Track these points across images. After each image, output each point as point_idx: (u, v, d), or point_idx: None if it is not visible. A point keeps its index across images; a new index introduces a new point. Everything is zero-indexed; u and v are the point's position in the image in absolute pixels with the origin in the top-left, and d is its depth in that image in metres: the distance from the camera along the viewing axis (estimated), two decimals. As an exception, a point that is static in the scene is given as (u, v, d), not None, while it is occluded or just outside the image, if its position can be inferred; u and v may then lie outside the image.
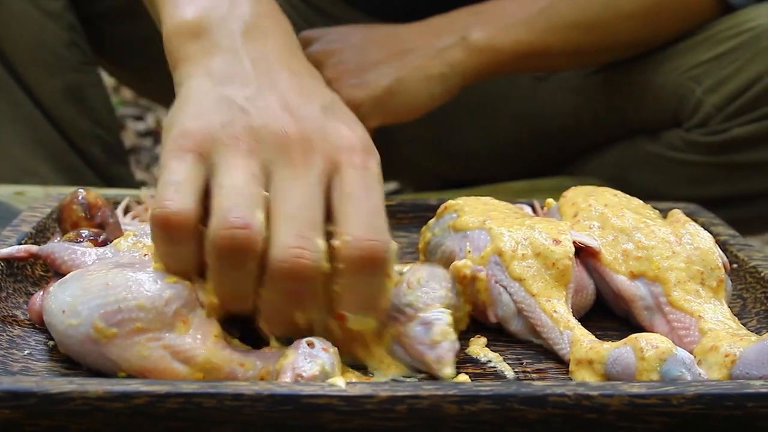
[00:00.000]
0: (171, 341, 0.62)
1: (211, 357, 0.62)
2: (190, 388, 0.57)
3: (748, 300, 0.79)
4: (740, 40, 1.06)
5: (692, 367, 0.63)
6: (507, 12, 1.05)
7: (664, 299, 0.72)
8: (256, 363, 0.62)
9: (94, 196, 0.80)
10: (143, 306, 0.62)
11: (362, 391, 0.57)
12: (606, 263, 0.75)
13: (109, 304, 0.62)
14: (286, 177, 0.64)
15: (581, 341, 0.67)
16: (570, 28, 1.05)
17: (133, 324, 0.62)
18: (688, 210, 0.93)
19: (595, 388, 0.59)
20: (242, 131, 0.65)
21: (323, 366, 0.61)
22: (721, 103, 1.07)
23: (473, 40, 1.02)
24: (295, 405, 0.57)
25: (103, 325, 0.61)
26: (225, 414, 0.57)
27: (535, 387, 0.59)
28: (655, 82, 1.12)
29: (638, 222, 0.76)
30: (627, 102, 1.16)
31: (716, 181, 1.08)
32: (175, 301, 0.63)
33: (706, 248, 0.74)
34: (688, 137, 1.11)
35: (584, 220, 0.77)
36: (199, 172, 0.64)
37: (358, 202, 0.64)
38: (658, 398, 0.59)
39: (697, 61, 1.09)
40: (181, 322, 0.62)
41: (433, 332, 0.66)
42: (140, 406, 0.56)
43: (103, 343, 0.62)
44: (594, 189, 0.81)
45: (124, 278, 0.63)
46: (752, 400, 0.59)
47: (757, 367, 0.64)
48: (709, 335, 0.68)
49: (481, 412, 0.58)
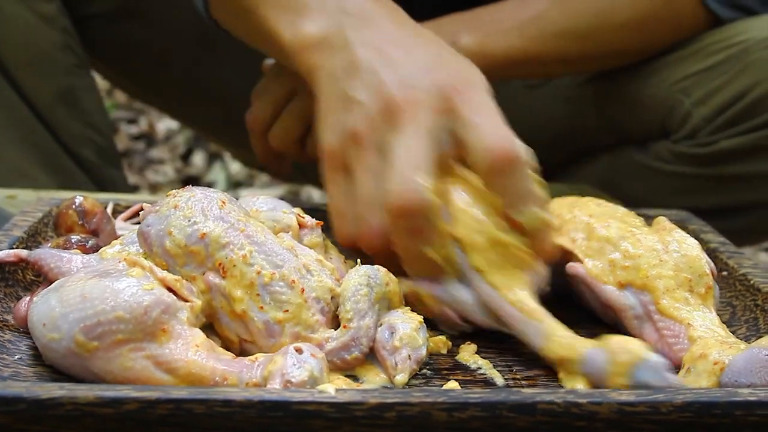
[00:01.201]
0: (153, 351, 0.62)
1: (192, 369, 0.61)
2: (180, 395, 0.57)
3: (738, 308, 0.79)
4: (729, 53, 1.07)
5: (663, 374, 0.63)
6: (498, 18, 1.05)
7: (653, 307, 0.73)
8: (240, 377, 0.62)
9: (91, 202, 0.81)
10: (122, 317, 0.61)
11: (352, 397, 0.58)
12: (593, 275, 0.75)
13: (88, 318, 0.61)
14: (394, 143, 0.73)
15: (556, 336, 0.68)
16: (561, 36, 1.05)
17: (114, 336, 0.61)
18: (679, 217, 0.93)
19: (584, 396, 0.59)
20: (361, 125, 0.75)
21: (312, 372, 0.61)
22: (709, 115, 1.08)
23: (463, 45, 1.02)
24: (285, 411, 0.57)
25: (84, 339, 0.61)
26: (215, 420, 0.57)
27: (525, 394, 0.59)
28: (644, 93, 1.12)
29: (624, 231, 0.76)
30: (617, 112, 1.16)
31: (704, 192, 1.08)
32: (155, 309, 0.62)
33: (693, 255, 0.74)
34: (676, 149, 1.11)
35: (570, 232, 0.77)
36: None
37: (477, 122, 0.73)
38: (647, 406, 0.59)
39: (687, 73, 1.09)
40: (161, 331, 0.62)
41: (395, 337, 0.67)
42: (130, 412, 0.56)
43: (85, 357, 0.61)
44: (577, 200, 0.81)
45: (101, 289, 0.62)
46: (740, 408, 0.59)
47: (746, 375, 0.65)
48: (699, 343, 0.69)
49: (471, 420, 0.58)
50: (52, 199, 0.90)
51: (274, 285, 0.65)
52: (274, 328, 0.65)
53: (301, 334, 0.65)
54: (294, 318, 0.65)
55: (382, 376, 0.67)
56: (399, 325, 0.68)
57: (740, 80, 1.06)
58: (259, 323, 0.65)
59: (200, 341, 0.63)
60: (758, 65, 1.05)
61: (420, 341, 0.68)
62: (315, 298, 0.66)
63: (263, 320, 0.65)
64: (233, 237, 0.67)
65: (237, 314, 0.65)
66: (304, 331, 0.65)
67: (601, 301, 0.75)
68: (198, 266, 0.66)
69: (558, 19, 1.05)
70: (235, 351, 0.66)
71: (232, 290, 0.65)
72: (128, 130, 2.36)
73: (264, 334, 0.65)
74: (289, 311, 0.65)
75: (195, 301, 0.65)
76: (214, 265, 0.66)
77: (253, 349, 0.66)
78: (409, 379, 0.66)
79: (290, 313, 0.65)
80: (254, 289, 0.65)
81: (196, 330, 0.64)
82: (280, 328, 0.65)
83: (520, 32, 1.04)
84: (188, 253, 0.66)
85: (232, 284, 0.65)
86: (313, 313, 0.66)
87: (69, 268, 0.69)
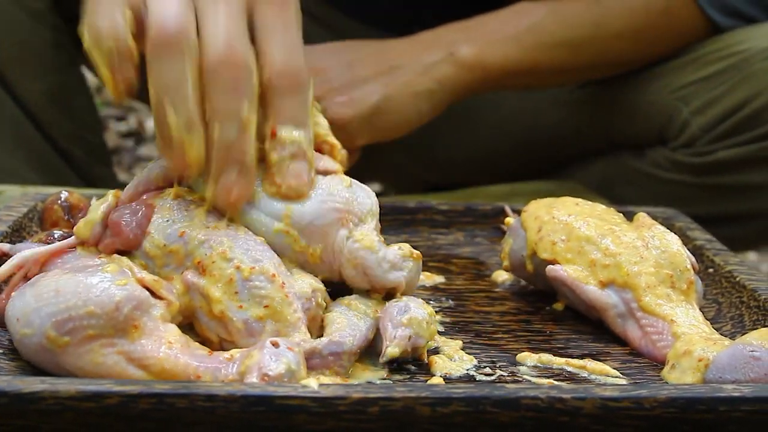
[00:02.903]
0: (125, 347, 0.61)
1: (165, 365, 0.61)
2: (162, 389, 0.57)
3: (723, 304, 0.79)
4: (729, 63, 1.07)
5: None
6: (495, 28, 1.04)
7: (636, 305, 0.73)
8: (215, 374, 0.61)
9: (77, 197, 0.80)
10: (93, 312, 0.61)
11: (335, 392, 0.57)
12: (574, 276, 0.75)
13: (60, 312, 0.61)
14: (209, 3, 0.67)
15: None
16: (559, 45, 1.05)
17: (85, 331, 0.61)
18: (666, 215, 0.93)
19: (567, 391, 0.59)
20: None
21: (289, 364, 0.60)
22: (707, 124, 1.08)
23: (461, 55, 1.02)
24: (268, 406, 0.57)
25: (56, 334, 0.60)
26: (197, 415, 0.57)
27: (508, 389, 0.59)
28: (643, 100, 1.12)
29: (604, 229, 0.76)
30: (612, 118, 1.16)
31: (699, 201, 1.08)
32: (126, 305, 0.61)
33: (673, 251, 0.75)
34: (673, 157, 1.11)
35: (549, 234, 0.77)
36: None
37: (276, 35, 0.69)
38: (631, 401, 0.59)
39: (686, 82, 1.09)
40: (132, 327, 0.61)
41: (404, 316, 0.67)
42: (112, 406, 0.56)
43: (57, 353, 0.61)
44: (555, 200, 0.81)
45: (74, 284, 0.62)
46: (724, 404, 0.59)
47: (730, 371, 0.65)
48: (683, 339, 0.69)
49: (454, 415, 0.58)
50: (37, 194, 0.90)
51: (254, 279, 0.65)
52: (253, 327, 0.64)
53: (282, 332, 0.65)
54: (275, 314, 0.65)
55: (369, 370, 0.66)
56: (414, 308, 0.68)
57: (740, 90, 1.06)
58: (239, 323, 0.64)
59: (174, 337, 0.62)
60: (758, 76, 1.05)
61: (425, 332, 0.67)
62: (296, 294, 0.66)
63: (243, 319, 0.64)
64: (211, 234, 0.66)
65: (215, 315, 0.65)
66: (284, 329, 0.65)
67: (583, 301, 0.75)
68: (177, 266, 0.66)
69: (555, 30, 1.05)
70: (215, 350, 0.65)
71: (211, 290, 0.65)
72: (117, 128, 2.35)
73: (244, 334, 0.64)
74: (269, 306, 0.65)
75: (173, 301, 0.64)
76: (193, 263, 0.66)
77: (233, 349, 0.65)
78: (400, 358, 0.66)
79: (271, 308, 0.65)
80: (233, 287, 0.65)
81: (170, 325, 0.63)
82: (261, 326, 0.64)
83: (517, 42, 1.04)
84: (167, 253, 0.66)
85: (211, 283, 0.65)
86: (294, 309, 0.65)
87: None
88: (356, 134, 1.00)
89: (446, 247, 0.93)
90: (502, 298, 0.82)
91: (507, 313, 0.79)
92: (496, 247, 0.89)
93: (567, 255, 0.76)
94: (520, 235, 0.80)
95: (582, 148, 1.21)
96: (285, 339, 0.63)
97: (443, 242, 0.94)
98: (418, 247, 0.91)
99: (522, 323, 0.77)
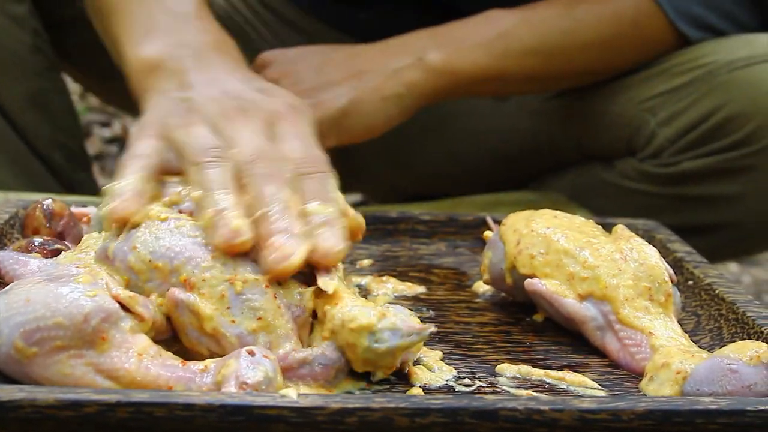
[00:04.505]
0: (93, 359, 0.61)
1: (135, 376, 0.61)
2: (141, 398, 0.57)
3: (702, 317, 0.80)
4: (695, 75, 1.07)
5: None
6: (465, 35, 1.05)
7: (614, 317, 0.73)
8: (188, 385, 0.61)
9: (60, 205, 0.80)
10: (61, 323, 0.60)
11: (313, 402, 0.58)
12: (553, 291, 0.75)
13: (28, 322, 0.60)
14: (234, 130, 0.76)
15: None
16: (528, 53, 1.05)
17: (53, 342, 0.60)
18: (647, 227, 0.94)
19: (545, 403, 0.59)
20: (186, 112, 0.78)
21: (267, 372, 0.60)
22: (674, 135, 1.09)
23: (430, 61, 1.03)
24: (246, 416, 0.57)
25: (23, 344, 0.60)
26: (176, 424, 0.57)
27: (486, 401, 0.59)
28: (611, 111, 1.13)
29: (582, 242, 0.76)
30: (583, 128, 1.17)
31: (666, 211, 1.08)
32: (95, 317, 0.61)
33: (652, 263, 0.75)
34: (640, 167, 1.12)
35: (528, 247, 0.77)
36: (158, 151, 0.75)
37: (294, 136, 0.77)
38: (609, 413, 0.59)
39: (653, 93, 1.10)
40: (100, 339, 0.61)
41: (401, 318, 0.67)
42: (91, 415, 0.56)
43: (24, 363, 0.60)
44: (533, 213, 0.81)
45: (44, 294, 0.61)
46: (701, 417, 0.59)
47: (708, 383, 0.65)
48: (661, 352, 0.69)
49: (432, 426, 0.58)
50: (19, 200, 0.90)
51: (246, 293, 0.65)
52: (248, 340, 0.64)
53: (274, 343, 0.64)
54: (268, 326, 0.65)
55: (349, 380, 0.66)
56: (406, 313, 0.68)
57: (705, 102, 1.07)
58: (232, 338, 0.64)
59: (143, 348, 0.62)
60: (723, 88, 1.06)
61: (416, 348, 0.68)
62: (286, 303, 0.66)
63: (236, 334, 0.64)
64: (198, 251, 0.66)
65: (207, 331, 0.65)
66: (277, 340, 0.65)
67: (562, 314, 0.75)
68: (162, 281, 0.66)
69: (524, 37, 1.06)
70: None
71: (201, 307, 0.64)
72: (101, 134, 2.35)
73: (237, 348, 0.64)
74: (262, 319, 0.65)
75: (148, 318, 0.64)
76: (179, 280, 0.65)
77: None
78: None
79: (263, 321, 0.65)
80: (225, 302, 0.65)
81: (140, 337, 0.63)
82: (254, 338, 0.64)
83: (486, 49, 1.05)
84: (152, 269, 0.66)
85: (201, 300, 0.65)
86: (287, 320, 0.65)
87: (24, 272, 0.68)
88: (324, 136, 1.00)
89: (428, 257, 0.93)
90: (482, 309, 0.82)
91: (487, 323, 0.79)
92: (478, 257, 0.89)
93: (545, 269, 0.76)
94: (499, 248, 0.80)
95: (555, 159, 1.22)
96: (260, 348, 0.63)
97: (425, 252, 0.94)
98: (400, 257, 0.91)
99: (502, 334, 0.77)
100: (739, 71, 1.05)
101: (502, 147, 1.24)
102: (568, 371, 0.70)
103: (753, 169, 1.07)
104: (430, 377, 0.68)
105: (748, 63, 1.05)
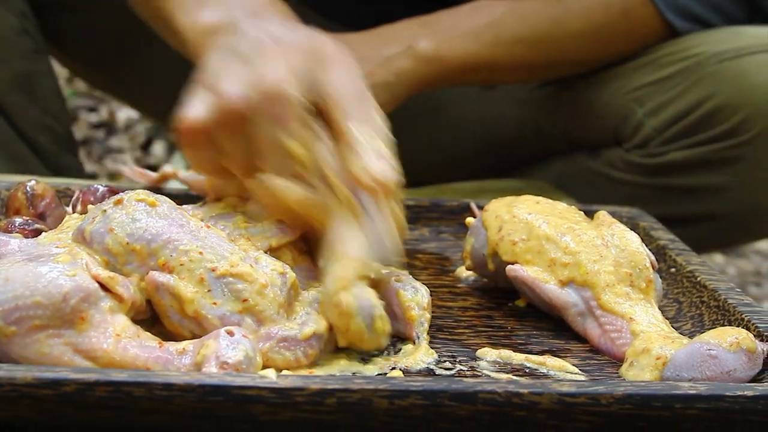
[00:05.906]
0: (71, 338, 0.61)
1: (113, 357, 0.61)
2: (120, 377, 0.56)
3: (684, 304, 0.80)
4: (683, 66, 1.08)
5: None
6: (455, 24, 1.05)
7: (595, 303, 0.73)
8: (166, 367, 0.61)
9: (42, 186, 0.80)
10: (40, 303, 0.60)
11: (293, 383, 0.58)
12: (534, 277, 0.75)
13: (7, 301, 0.60)
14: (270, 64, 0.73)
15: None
16: (517, 42, 1.06)
17: (32, 321, 0.60)
18: (631, 214, 0.94)
19: (525, 386, 0.59)
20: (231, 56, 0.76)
21: (247, 352, 0.60)
22: (660, 126, 1.09)
23: (420, 49, 1.03)
24: (225, 396, 0.57)
25: (2, 323, 0.60)
26: (155, 404, 0.57)
27: (466, 383, 0.59)
28: (598, 100, 1.13)
29: (563, 228, 0.76)
30: (570, 117, 1.17)
31: (652, 202, 1.09)
32: (74, 296, 0.61)
33: (633, 249, 0.75)
34: (627, 157, 1.12)
35: (510, 233, 0.77)
36: None
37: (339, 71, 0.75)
38: (588, 397, 0.59)
39: (641, 83, 1.10)
40: (79, 319, 0.61)
41: (415, 297, 0.71)
42: (69, 394, 0.56)
43: (2, 342, 0.60)
44: (515, 198, 0.81)
45: (23, 273, 0.61)
46: (680, 402, 0.60)
47: (688, 369, 0.65)
48: (641, 337, 0.69)
49: (411, 407, 0.58)
50: (2, 181, 0.89)
51: (228, 276, 0.65)
52: (231, 320, 0.64)
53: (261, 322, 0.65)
54: (251, 308, 0.65)
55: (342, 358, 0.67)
56: (424, 292, 0.73)
57: (692, 93, 1.07)
58: (215, 319, 0.64)
59: (122, 329, 0.62)
60: (710, 79, 1.06)
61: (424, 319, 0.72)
62: (269, 282, 0.66)
63: (218, 315, 0.64)
64: (177, 234, 0.66)
65: (188, 314, 0.65)
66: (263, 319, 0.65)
67: (544, 300, 0.75)
68: (140, 264, 0.65)
69: (514, 26, 1.06)
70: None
71: (182, 290, 0.64)
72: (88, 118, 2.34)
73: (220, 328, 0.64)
74: (247, 300, 0.65)
75: (127, 298, 0.63)
76: (158, 263, 0.65)
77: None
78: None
79: (248, 302, 0.65)
80: (205, 286, 0.65)
81: (119, 317, 0.63)
82: (239, 318, 0.64)
83: (476, 38, 1.05)
84: (130, 251, 0.66)
85: (181, 283, 0.65)
86: (270, 300, 0.65)
87: (5, 251, 0.67)
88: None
89: (411, 243, 0.93)
90: (464, 294, 0.82)
91: (469, 308, 0.79)
92: (461, 243, 0.89)
93: (527, 255, 0.76)
94: (481, 234, 0.80)
95: (542, 148, 1.22)
96: (239, 328, 0.63)
97: (408, 237, 0.94)
98: (383, 242, 0.91)
99: (484, 319, 0.77)
100: (726, 63, 1.05)
101: (489, 135, 1.24)
102: (549, 356, 0.70)
103: (739, 161, 1.07)
104: (410, 360, 0.68)
105: (736, 55, 1.06)
